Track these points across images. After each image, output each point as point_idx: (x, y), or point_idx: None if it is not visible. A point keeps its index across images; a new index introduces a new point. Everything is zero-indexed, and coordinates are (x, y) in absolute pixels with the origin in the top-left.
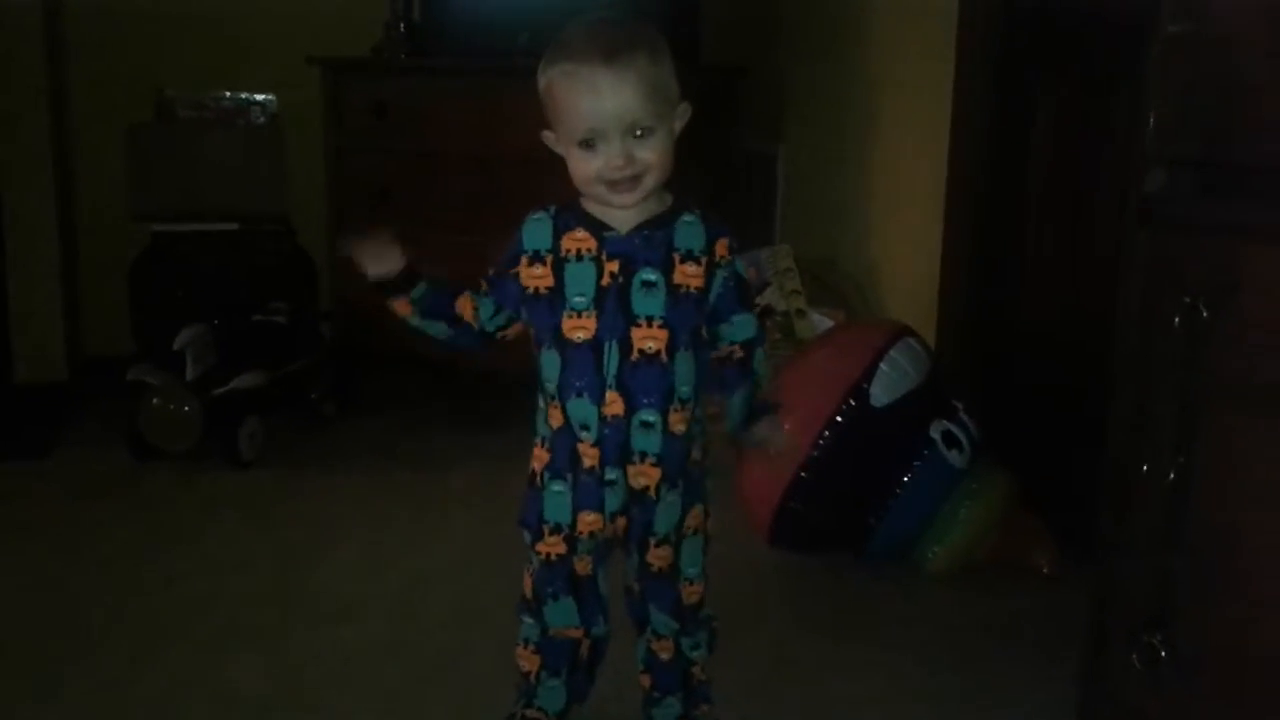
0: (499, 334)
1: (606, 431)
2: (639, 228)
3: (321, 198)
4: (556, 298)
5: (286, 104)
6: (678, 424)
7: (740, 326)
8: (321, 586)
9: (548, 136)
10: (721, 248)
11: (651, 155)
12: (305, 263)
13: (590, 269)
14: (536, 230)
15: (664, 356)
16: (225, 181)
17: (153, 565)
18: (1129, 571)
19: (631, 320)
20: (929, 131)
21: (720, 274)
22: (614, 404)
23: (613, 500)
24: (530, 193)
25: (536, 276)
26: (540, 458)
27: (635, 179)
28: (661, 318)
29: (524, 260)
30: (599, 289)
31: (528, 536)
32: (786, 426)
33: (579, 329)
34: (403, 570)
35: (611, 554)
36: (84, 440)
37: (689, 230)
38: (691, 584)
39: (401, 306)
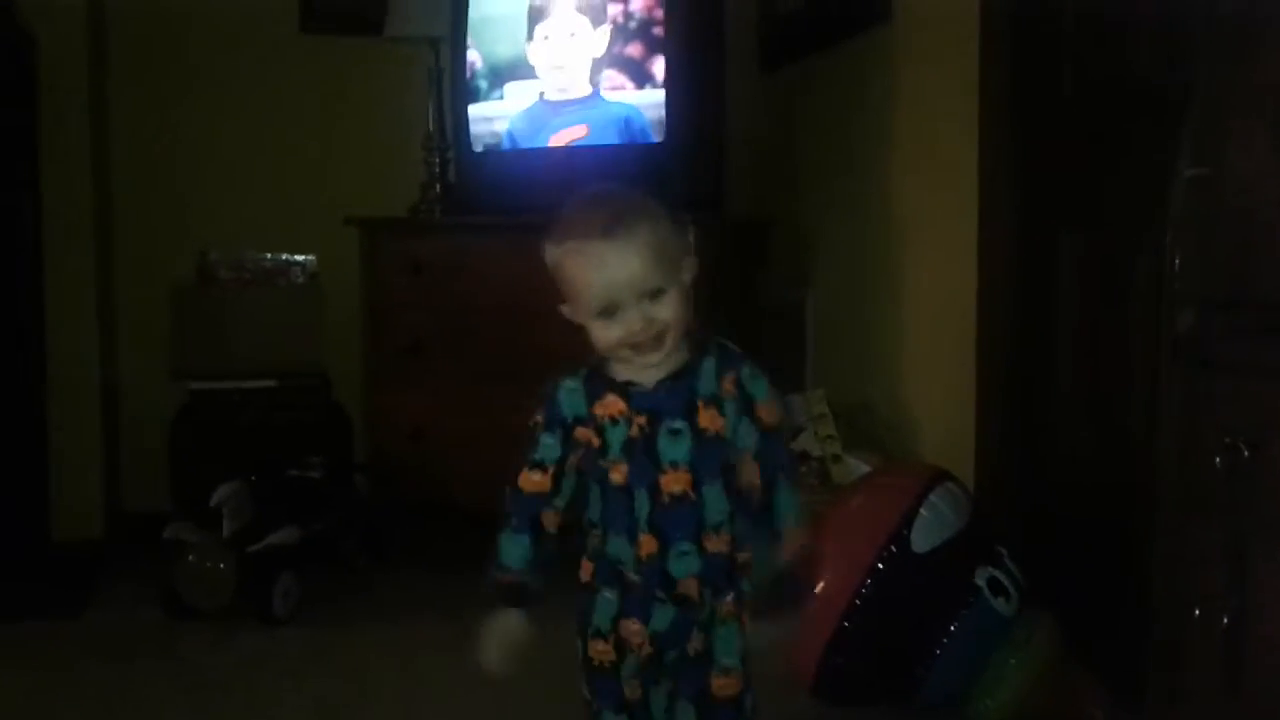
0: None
1: (644, 570)
2: (663, 381)
3: (357, 353)
4: (600, 452)
5: (325, 263)
6: (714, 545)
7: (743, 434)
8: None
9: (565, 310)
10: (728, 383)
11: (668, 313)
12: (340, 417)
13: (624, 428)
14: (572, 398)
15: (692, 495)
16: (264, 340)
17: None
18: None
19: (658, 468)
20: (957, 275)
21: (729, 406)
22: (648, 544)
23: (660, 618)
24: (562, 345)
25: (581, 437)
26: (587, 568)
27: (658, 338)
28: (686, 463)
29: (569, 424)
30: (628, 440)
31: (579, 644)
32: (820, 585)
33: (615, 473)
34: None
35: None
36: (118, 598)
37: (708, 375)
38: (726, 675)
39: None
